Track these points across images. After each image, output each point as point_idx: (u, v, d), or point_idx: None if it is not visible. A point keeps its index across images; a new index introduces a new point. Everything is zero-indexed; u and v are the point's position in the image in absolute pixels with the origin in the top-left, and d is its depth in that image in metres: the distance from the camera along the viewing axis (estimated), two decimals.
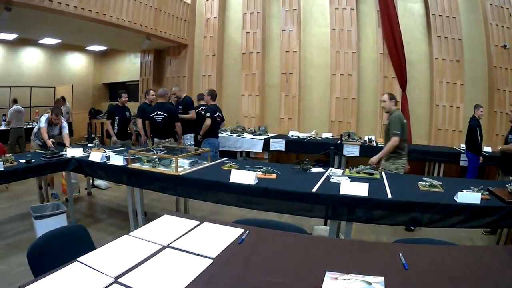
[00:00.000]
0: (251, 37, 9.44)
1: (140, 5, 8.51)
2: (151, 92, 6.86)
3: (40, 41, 11.53)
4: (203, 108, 6.81)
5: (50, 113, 5.48)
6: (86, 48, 13.33)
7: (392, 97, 4.87)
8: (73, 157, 4.76)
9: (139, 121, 6.50)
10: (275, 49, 9.44)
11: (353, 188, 2.95)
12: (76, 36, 10.09)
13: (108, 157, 4.54)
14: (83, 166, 4.70)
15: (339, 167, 6.22)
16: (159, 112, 6.12)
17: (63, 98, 10.91)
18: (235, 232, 2.15)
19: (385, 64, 8.18)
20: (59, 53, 13.12)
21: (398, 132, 4.53)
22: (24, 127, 9.51)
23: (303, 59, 9.08)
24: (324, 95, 8.86)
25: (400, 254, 1.77)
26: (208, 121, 6.24)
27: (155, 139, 6.29)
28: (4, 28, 8.58)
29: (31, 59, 12.27)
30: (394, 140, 4.52)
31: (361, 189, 2.91)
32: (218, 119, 6.49)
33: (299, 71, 8.97)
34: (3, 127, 9.49)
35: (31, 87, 11.83)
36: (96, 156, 4.57)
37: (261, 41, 9.36)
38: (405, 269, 1.64)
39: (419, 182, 3.25)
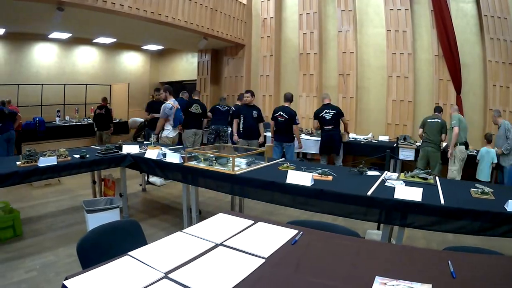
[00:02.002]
0: (308, 38, 9.50)
1: (196, 5, 8.71)
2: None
3: (95, 40, 11.76)
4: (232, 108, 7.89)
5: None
6: (142, 47, 13.60)
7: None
8: (128, 154, 4.83)
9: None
10: (332, 50, 9.45)
11: (407, 192, 2.91)
12: (132, 35, 10.39)
13: (164, 155, 4.59)
14: (138, 162, 4.76)
15: (394, 171, 6.17)
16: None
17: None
18: (289, 233, 2.15)
19: (441, 66, 7.96)
20: (115, 52, 13.49)
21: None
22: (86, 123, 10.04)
23: (360, 60, 9.03)
24: (380, 97, 8.75)
25: (449, 262, 1.75)
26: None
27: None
28: (57, 28, 8.90)
29: (86, 58, 12.67)
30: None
31: (415, 194, 2.87)
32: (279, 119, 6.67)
33: (356, 72, 8.92)
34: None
35: (86, 84, 12.24)
36: (152, 153, 4.64)
37: (318, 42, 9.41)
38: (453, 278, 1.63)
39: (472, 189, 3.17)
